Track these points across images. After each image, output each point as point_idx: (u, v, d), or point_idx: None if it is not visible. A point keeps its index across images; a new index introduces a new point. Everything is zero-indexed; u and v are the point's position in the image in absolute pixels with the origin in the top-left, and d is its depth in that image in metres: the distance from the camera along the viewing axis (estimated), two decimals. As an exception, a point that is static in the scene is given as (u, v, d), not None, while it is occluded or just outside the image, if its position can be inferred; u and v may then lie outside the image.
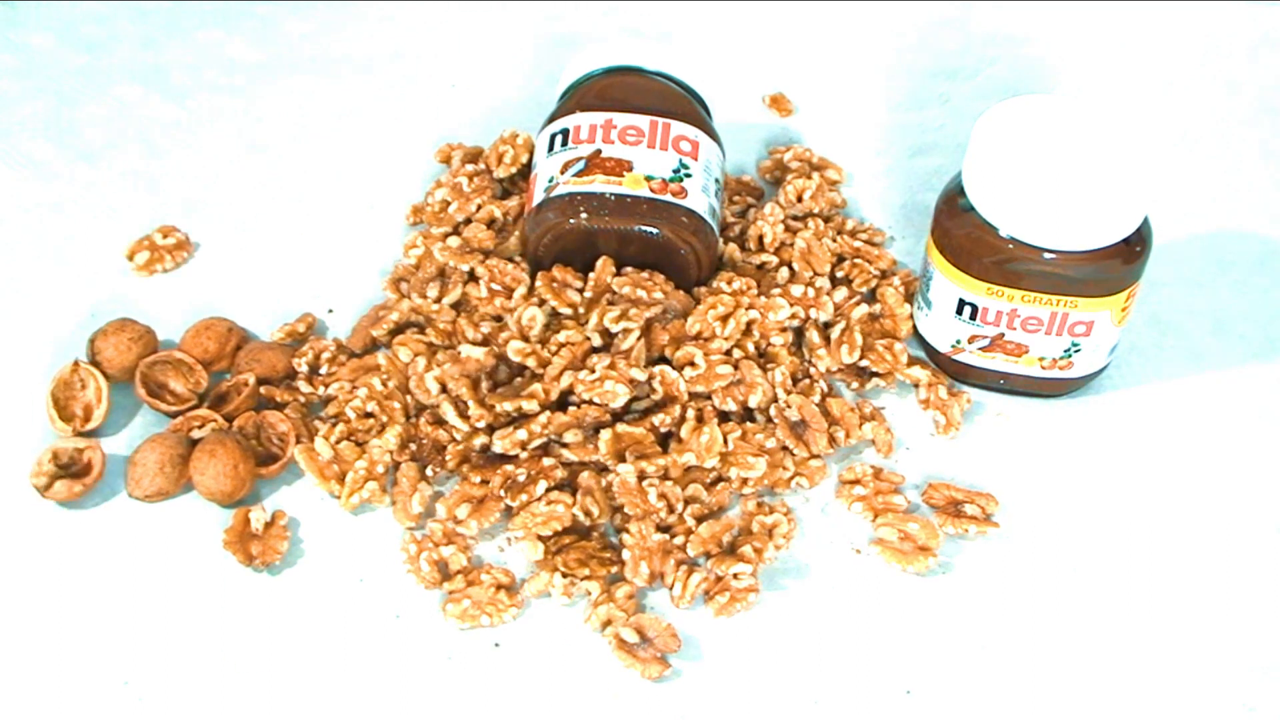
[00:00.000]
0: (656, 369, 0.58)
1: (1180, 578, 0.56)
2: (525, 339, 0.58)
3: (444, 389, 0.57)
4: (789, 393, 0.59)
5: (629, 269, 0.61)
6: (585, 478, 0.56)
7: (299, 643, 0.53)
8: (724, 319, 0.59)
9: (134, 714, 0.51)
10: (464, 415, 0.56)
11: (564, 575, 0.54)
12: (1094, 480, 0.59)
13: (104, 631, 0.53)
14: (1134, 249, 0.57)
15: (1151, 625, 0.54)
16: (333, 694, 0.52)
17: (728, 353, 0.59)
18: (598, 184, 0.60)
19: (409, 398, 0.59)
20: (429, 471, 0.57)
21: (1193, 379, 0.63)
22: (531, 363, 0.57)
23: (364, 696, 0.52)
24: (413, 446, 0.58)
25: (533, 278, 0.61)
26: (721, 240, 0.63)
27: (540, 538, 0.55)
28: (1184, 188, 0.69)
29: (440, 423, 0.57)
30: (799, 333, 0.62)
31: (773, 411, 0.58)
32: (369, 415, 0.58)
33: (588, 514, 0.55)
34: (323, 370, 0.61)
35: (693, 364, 0.58)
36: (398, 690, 0.52)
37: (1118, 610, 0.55)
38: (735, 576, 0.54)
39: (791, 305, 0.61)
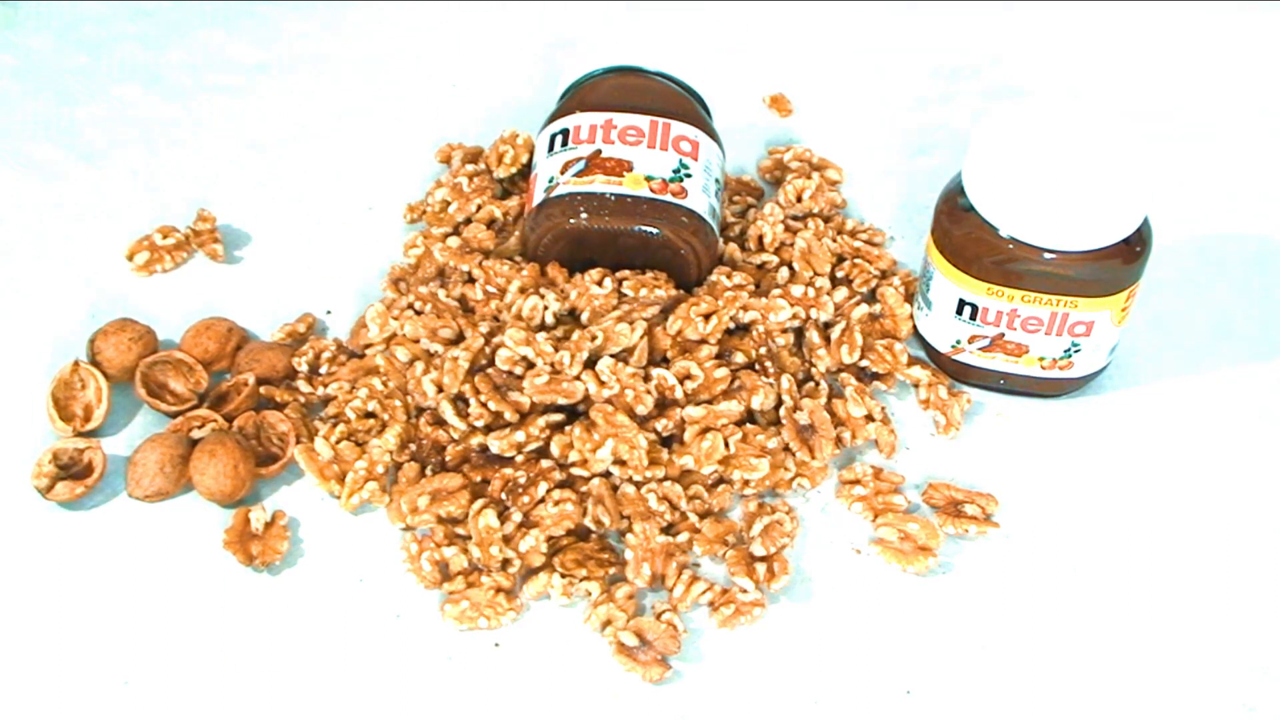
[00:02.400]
0: (655, 373, 0.57)
1: (1180, 578, 0.56)
2: (527, 329, 0.58)
3: (440, 390, 0.57)
4: (797, 398, 0.59)
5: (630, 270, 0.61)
6: (596, 486, 0.56)
7: (299, 643, 0.53)
8: (706, 316, 0.59)
9: (134, 714, 0.51)
10: (463, 415, 0.56)
11: (562, 576, 0.54)
12: (1094, 480, 0.59)
13: (104, 631, 0.53)
14: (1134, 249, 0.57)
15: (1151, 625, 0.54)
16: (333, 694, 0.52)
17: (719, 355, 0.59)
18: (598, 184, 0.60)
19: (409, 398, 0.59)
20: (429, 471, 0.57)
21: (1193, 379, 0.63)
22: (522, 366, 0.57)
23: (364, 696, 0.52)
24: (413, 446, 0.58)
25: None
26: (721, 240, 0.63)
27: (550, 538, 0.55)
28: (1184, 188, 0.69)
29: (440, 423, 0.57)
30: (799, 333, 0.62)
31: (782, 413, 0.58)
32: (369, 415, 0.58)
33: (598, 524, 0.55)
34: (323, 370, 0.61)
35: (690, 376, 0.58)
36: (398, 690, 0.52)
37: (1118, 610, 0.55)
38: (742, 590, 0.54)
39: (792, 305, 0.61)
